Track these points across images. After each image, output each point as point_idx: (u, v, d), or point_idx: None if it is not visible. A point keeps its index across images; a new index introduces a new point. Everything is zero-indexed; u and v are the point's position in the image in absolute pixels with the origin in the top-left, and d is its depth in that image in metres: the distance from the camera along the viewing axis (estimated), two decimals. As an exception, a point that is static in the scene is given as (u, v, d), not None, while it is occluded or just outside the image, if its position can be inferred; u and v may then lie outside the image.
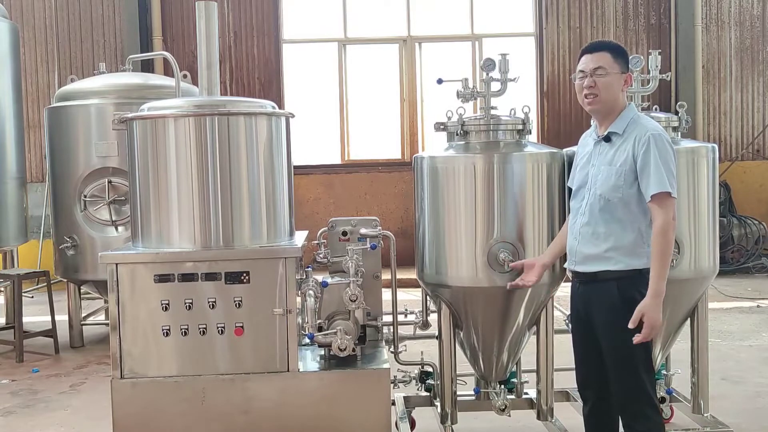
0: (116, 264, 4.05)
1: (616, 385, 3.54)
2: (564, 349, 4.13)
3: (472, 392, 4.64)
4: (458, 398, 4.45)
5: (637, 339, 3.37)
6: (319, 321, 4.18)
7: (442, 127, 4.36)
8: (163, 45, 11.77)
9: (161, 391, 4.05)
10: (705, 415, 4.50)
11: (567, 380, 4.46)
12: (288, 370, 4.07)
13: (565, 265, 3.82)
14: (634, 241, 3.47)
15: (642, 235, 3.49)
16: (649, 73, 4.58)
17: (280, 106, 10.54)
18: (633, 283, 3.45)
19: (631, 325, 3.38)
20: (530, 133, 4.33)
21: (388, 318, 4.56)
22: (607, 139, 3.57)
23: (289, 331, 4.06)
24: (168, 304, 4.03)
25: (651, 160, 3.39)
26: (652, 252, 3.39)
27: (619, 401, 3.55)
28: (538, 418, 4.46)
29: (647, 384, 3.47)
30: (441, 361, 4.38)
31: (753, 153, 12.24)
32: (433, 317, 4.60)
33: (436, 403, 4.63)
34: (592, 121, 4.65)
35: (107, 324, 7.58)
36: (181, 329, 4.03)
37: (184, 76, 6.70)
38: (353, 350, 4.12)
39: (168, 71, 10.44)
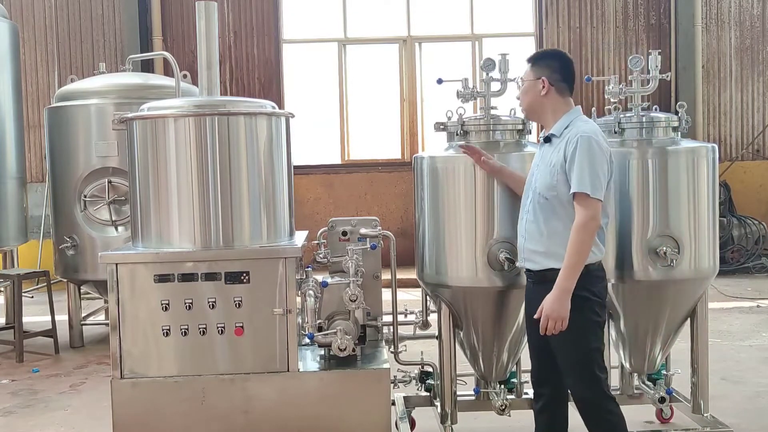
0: (116, 264, 4.05)
1: (569, 382, 3.66)
2: (564, 349, 4.13)
3: (472, 392, 4.64)
4: (458, 398, 4.45)
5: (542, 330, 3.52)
6: (319, 321, 4.18)
7: (442, 127, 4.37)
8: (163, 45, 11.76)
9: (161, 391, 4.05)
10: (705, 415, 4.49)
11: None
12: (288, 370, 4.08)
13: (517, 264, 3.87)
14: None
15: None
16: (649, 73, 4.56)
17: (280, 106, 10.54)
18: (579, 280, 3.49)
19: (536, 316, 3.51)
20: (530, 133, 4.36)
21: (388, 318, 4.57)
22: (548, 140, 3.70)
23: (289, 331, 4.07)
24: (168, 304, 4.03)
25: (576, 160, 3.49)
26: (567, 248, 3.46)
27: (575, 397, 3.66)
28: (538, 418, 4.46)
29: (600, 378, 3.57)
30: (441, 361, 4.38)
31: (753, 153, 12.22)
32: (433, 317, 4.60)
33: (436, 403, 4.63)
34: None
35: (107, 324, 7.57)
36: (181, 329, 4.04)
37: (184, 76, 6.70)
38: (353, 350, 4.12)
39: (168, 71, 10.43)
